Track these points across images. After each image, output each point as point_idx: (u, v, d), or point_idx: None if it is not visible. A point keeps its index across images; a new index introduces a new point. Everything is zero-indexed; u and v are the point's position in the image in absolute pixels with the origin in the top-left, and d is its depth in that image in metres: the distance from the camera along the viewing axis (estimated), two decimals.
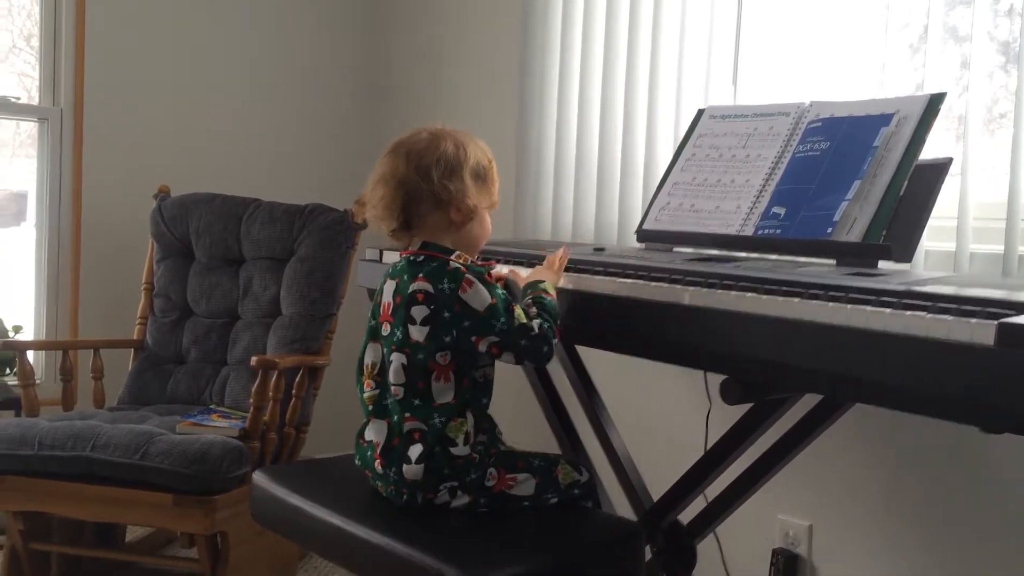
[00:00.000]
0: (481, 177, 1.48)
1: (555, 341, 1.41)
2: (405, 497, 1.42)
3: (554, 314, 1.44)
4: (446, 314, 1.38)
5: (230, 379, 2.50)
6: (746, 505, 1.68)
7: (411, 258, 1.45)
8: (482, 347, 1.39)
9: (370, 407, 1.46)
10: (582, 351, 1.99)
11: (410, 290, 1.40)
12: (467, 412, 1.42)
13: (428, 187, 1.43)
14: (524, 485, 1.45)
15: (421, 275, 1.41)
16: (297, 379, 2.34)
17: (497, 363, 1.45)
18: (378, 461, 1.43)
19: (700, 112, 1.97)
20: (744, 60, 2.15)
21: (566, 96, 2.43)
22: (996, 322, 0.99)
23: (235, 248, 2.63)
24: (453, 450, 1.39)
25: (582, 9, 2.39)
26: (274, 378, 2.19)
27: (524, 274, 1.57)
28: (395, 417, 1.42)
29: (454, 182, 1.43)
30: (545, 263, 1.59)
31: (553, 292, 1.48)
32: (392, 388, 1.42)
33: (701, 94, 2.15)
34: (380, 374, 1.46)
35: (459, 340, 1.38)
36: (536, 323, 1.40)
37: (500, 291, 1.42)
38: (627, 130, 2.27)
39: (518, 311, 1.40)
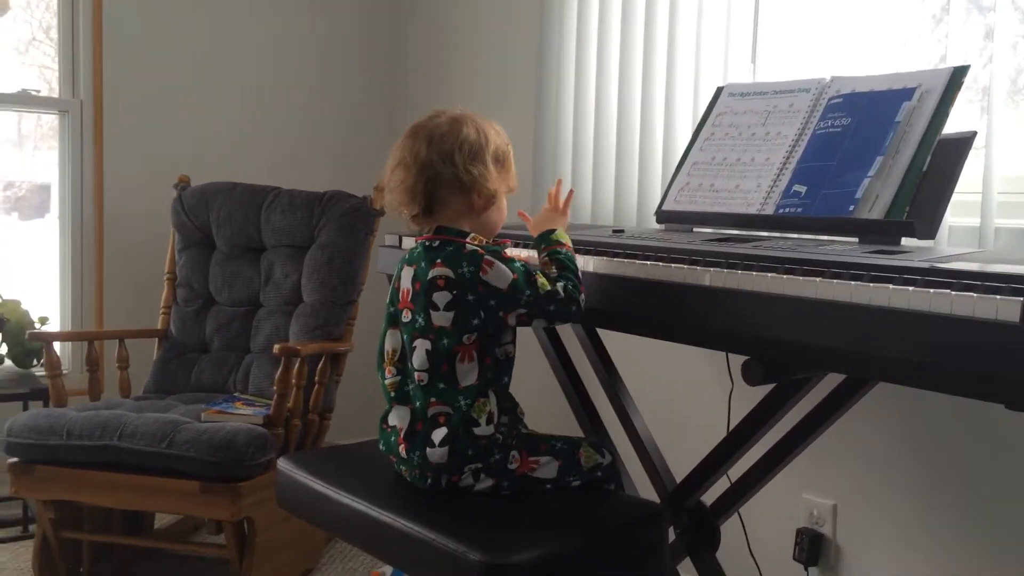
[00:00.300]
0: (501, 161, 1.48)
1: (583, 297, 1.42)
2: (429, 481, 1.42)
3: (573, 266, 1.45)
4: (470, 297, 1.38)
5: (253, 367, 2.52)
6: (770, 485, 1.67)
7: (427, 244, 1.45)
8: (511, 320, 1.40)
9: (392, 393, 1.47)
10: (603, 333, 1.98)
11: (429, 276, 1.40)
12: (489, 392, 1.42)
13: (451, 171, 1.42)
14: (547, 468, 1.46)
15: (439, 260, 1.40)
16: (320, 366, 2.36)
17: (519, 343, 1.46)
18: (402, 446, 1.43)
19: (719, 90, 1.95)
20: (763, 36, 2.12)
21: (583, 77, 2.42)
22: (1022, 299, 0.98)
23: (256, 236, 2.65)
24: (476, 430, 1.39)
25: None
26: (296, 365, 2.21)
27: (532, 221, 1.56)
28: (418, 403, 1.42)
29: (477, 166, 1.43)
30: (550, 205, 1.59)
31: (567, 240, 1.49)
32: (416, 374, 1.43)
33: (720, 71, 2.13)
34: (400, 360, 1.47)
35: (487, 320, 1.39)
36: (560, 285, 1.41)
37: (519, 264, 1.42)
38: (645, 110, 2.25)
39: (540, 279, 1.40)
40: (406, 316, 1.45)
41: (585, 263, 1.53)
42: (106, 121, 2.81)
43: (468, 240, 1.43)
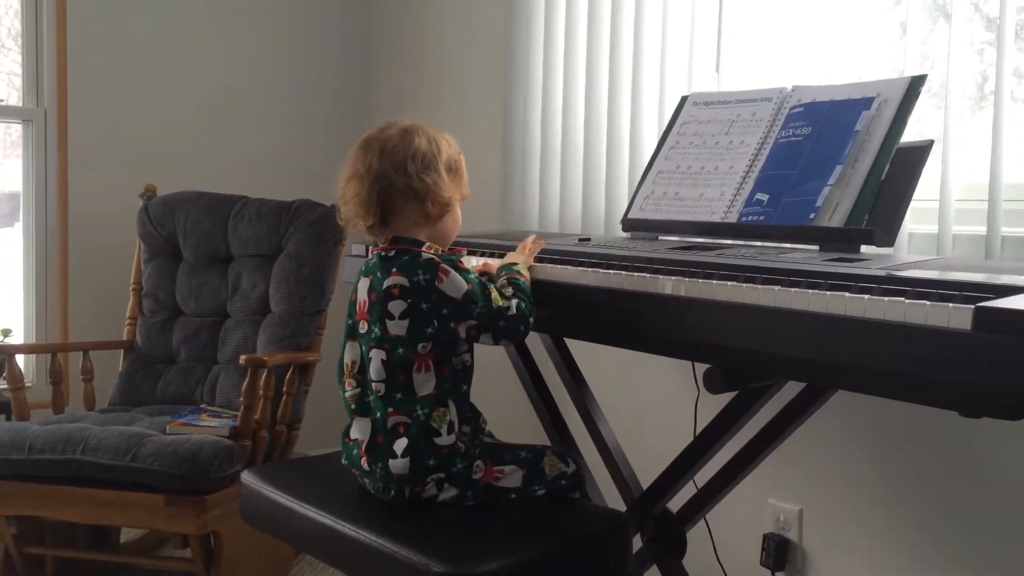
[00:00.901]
0: (453, 170, 1.50)
1: (531, 321, 1.44)
2: (392, 493, 1.42)
3: (528, 293, 1.47)
4: (424, 306, 1.38)
5: (220, 378, 2.50)
6: (736, 490, 1.69)
7: (382, 254, 1.45)
8: (461, 331, 1.40)
9: (352, 406, 1.46)
10: (571, 341, 1.99)
11: (385, 285, 1.40)
12: (449, 401, 1.42)
13: (405, 180, 1.43)
14: (511, 477, 1.46)
15: (395, 269, 1.41)
16: (288, 376, 2.34)
17: (478, 351, 1.46)
18: (364, 458, 1.43)
19: (684, 99, 1.96)
20: (727, 45, 2.14)
21: (551, 86, 2.42)
22: (973, 306, 0.99)
23: (223, 246, 2.63)
24: (437, 440, 1.39)
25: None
26: (263, 376, 2.19)
27: (495, 263, 1.58)
28: (378, 414, 1.42)
29: (430, 175, 1.44)
30: (517, 249, 1.62)
31: (526, 273, 1.51)
32: (373, 385, 1.42)
33: (685, 80, 2.14)
34: (360, 372, 1.46)
35: (440, 329, 1.39)
36: (514, 303, 1.42)
37: (474, 276, 1.43)
38: (612, 119, 2.27)
39: (494, 294, 1.42)
40: (363, 327, 1.45)
41: (550, 272, 1.54)
42: (71, 130, 2.78)
43: (424, 249, 1.43)
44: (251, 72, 3.12)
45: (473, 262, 1.63)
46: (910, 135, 1.59)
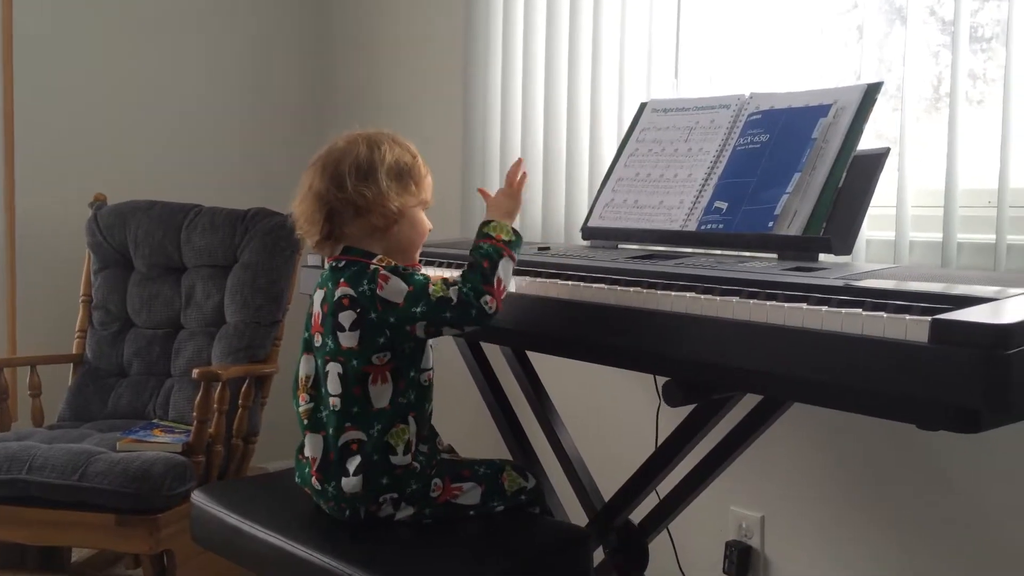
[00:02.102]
0: (403, 175, 1.43)
1: (487, 299, 1.33)
2: (348, 513, 1.38)
3: (488, 265, 1.36)
4: (372, 315, 1.35)
5: (174, 391, 2.44)
6: (698, 498, 1.67)
7: (333, 264, 1.42)
8: (419, 332, 1.36)
9: (305, 421, 1.43)
10: (532, 352, 1.96)
11: (335, 297, 1.37)
12: (409, 417, 1.38)
13: (344, 196, 1.39)
14: (470, 494, 1.43)
15: (343, 280, 1.38)
16: (243, 389, 2.29)
17: (445, 364, 1.43)
18: (315, 477, 1.39)
19: (643, 106, 1.95)
20: (686, 50, 2.13)
21: (509, 93, 2.40)
22: (930, 319, 0.98)
23: (176, 256, 2.57)
24: (393, 459, 1.36)
25: (523, 6, 2.36)
26: (217, 390, 2.14)
27: (489, 200, 1.51)
28: (330, 430, 1.38)
29: (370, 187, 1.39)
30: (505, 185, 1.52)
31: (499, 232, 1.40)
32: (330, 399, 1.39)
33: (644, 86, 2.13)
34: (314, 387, 1.43)
35: (394, 338, 1.35)
36: (454, 290, 1.34)
37: (418, 275, 1.37)
38: (571, 125, 2.25)
39: (433, 287, 1.34)
40: (318, 340, 1.41)
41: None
42: (17, 138, 2.70)
43: (375, 261, 1.39)
44: (204, 79, 3.06)
45: (449, 275, 1.59)
46: (868, 140, 1.59)
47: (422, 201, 1.48)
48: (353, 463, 1.35)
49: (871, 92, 1.57)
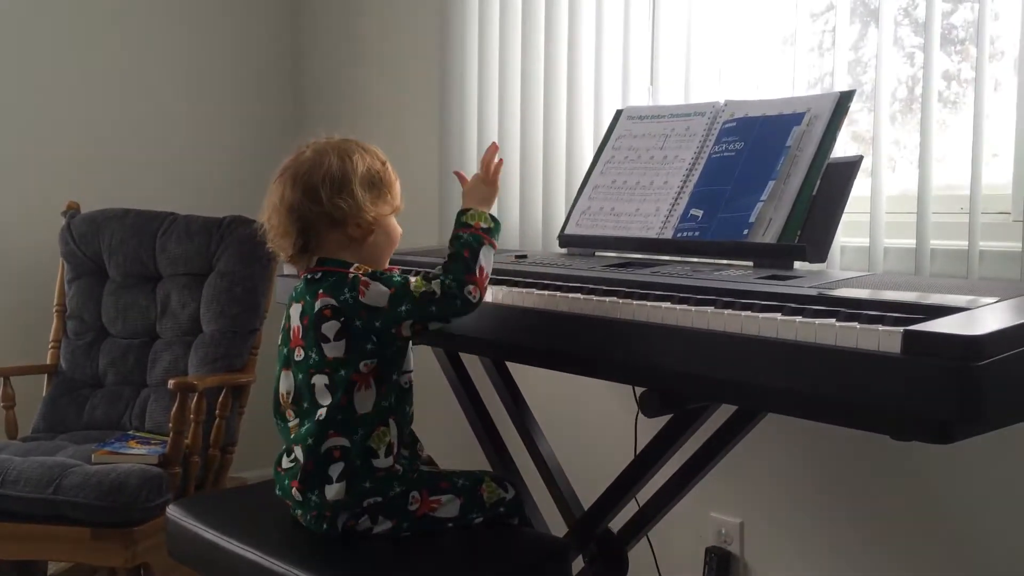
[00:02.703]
0: (376, 184, 1.42)
1: (470, 288, 1.33)
2: (326, 526, 1.37)
3: (468, 255, 1.35)
4: (358, 323, 1.34)
5: (150, 401, 2.42)
6: (677, 505, 1.68)
7: (308, 276, 1.41)
8: (406, 331, 1.36)
9: (292, 436, 1.41)
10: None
11: (316, 308, 1.36)
12: (390, 420, 1.38)
13: (319, 209, 1.38)
14: (448, 507, 1.42)
15: (321, 291, 1.36)
16: (220, 399, 2.27)
17: (423, 374, 1.42)
18: (295, 488, 1.38)
19: (619, 113, 1.95)
20: (662, 57, 2.13)
21: (486, 102, 2.40)
22: (902, 329, 0.99)
23: (151, 265, 2.54)
24: (375, 462, 1.36)
25: (498, 13, 2.35)
26: (194, 400, 2.12)
27: (466, 185, 1.52)
28: (310, 440, 1.37)
29: (345, 199, 1.38)
30: (481, 172, 1.51)
31: (478, 220, 1.40)
32: (312, 411, 1.37)
33: (620, 94, 2.13)
34: (295, 402, 1.41)
35: (381, 344, 1.35)
36: (436, 283, 1.33)
37: (397, 276, 1.37)
38: (548, 134, 2.25)
39: (415, 283, 1.34)
40: (299, 354, 1.40)
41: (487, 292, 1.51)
42: None
43: (352, 270, 1.38)
44: (178, 85, 3.03)
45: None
46: (842, 145, 1.60)
47: (395, 208, 1.47)
48: (336, 469, 1.35)
49: (844, 100, 1.58)
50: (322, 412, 1.36)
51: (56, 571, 2.43)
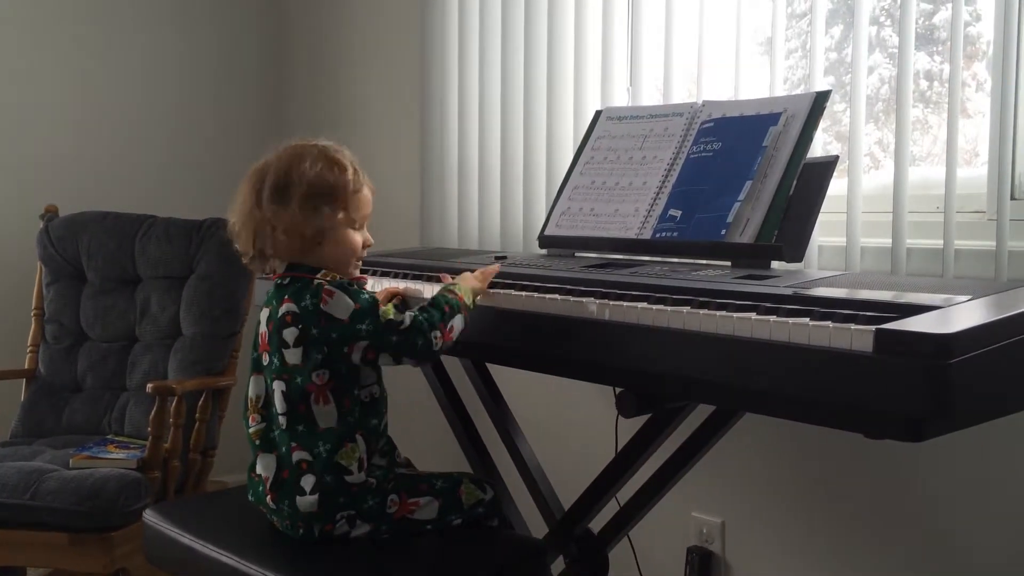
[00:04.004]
0: (325, 195, 1.38)
1: (437, 334, 1.33)
2: (302, 531, 1.36)
3: (447, 311, 1.35)
4: (315, 331, 1.33)
5: (130, 406, 2.40)
6: (658, 504, 1.67)
7: (279, 282, 1.41)
8: (356, 356, 1.33)
9: (256, 442, 1.41)
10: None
11: (279, 313, 1.35)
12: (357, 436, 1.37)
13: (262, 215, 1.37)
14: (427, 508, 1.42)
15: (287, 296, 1.36)
16: (200, 402, 2.26)
17: (394, 374, 1.41)
18: (269, 496, 1.37)
19: (598, 113, 1.96)
20: (641, 58, 2.13)
21: (466, 103, 2.39)
22: (874, 328, 0.99)
23: (130, 268, 2.53)
24: (348, 479, 1.35)
25: (478, 15, 2.35)
26: (173, 404, 2.11)
27: (402, 287, 1.53)
28: (283, 448, 1.37)
29: (285, 209, 1.36)
30: (479, 271, 1.50)
31: (462, 293, 1.39)
32: (278, 418, 1.37)
33: (599, 94, 2.13)
34: (265, 407, 1.41)
35: (332, 355, 1.33)
36: (408, 315, 1.32)
37: (367, 296, 1.35)
38: (528, 134, 2.24)
39: (385, 308, 1.33)
40: (265, 359, 1.40)
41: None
42: None
43: (319, 276, 1.38)
44: (158, 87, 3.01)
45: (384, 284, 1.59)
46: (825, 145, 1.60)
47: (352, 220, 1.42)
48: (308, 482, 1.34)
49: (820, 100, 1.59)
50: (284, 421, 1.36)
51: None
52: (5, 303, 2.67)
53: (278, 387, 1.36)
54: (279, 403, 1.36)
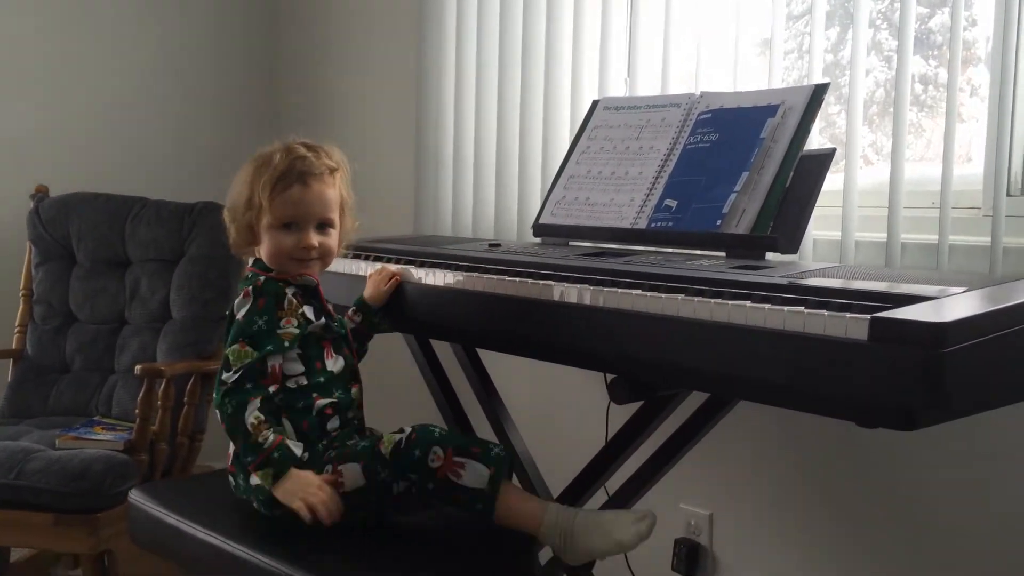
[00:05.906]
0: (246, 200, 1.45)
1: (219, 414, 1.41)
2: (259, 507, 1.39)
3: (255, 448, 1.35)
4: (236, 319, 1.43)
5: (118, 388, 2.39)
6: (647, 495, 1.67)
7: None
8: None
9: None
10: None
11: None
12: (284, 420, 1.41)
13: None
14: (352, 475, 1.36)
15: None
16: (189, 386, 2.25)
17: (379, 357, 1.47)
18: (230, 474, 1.43)
19: (595, 103, 1.95)
20: (639, 49, 2.13)
21: (463, 91, 2.38)
22: (869, 316, 0.99)
23: (120, 250, 2.51)
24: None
25: (476, 2, 2.34)
26: (161, 387, 2.10)
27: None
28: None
29: (230, 210, 1.49)
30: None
31: (275, 474, 1.34)
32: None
33: (596, 84, 2.13)
34: None
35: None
36: (230, 379, 1.38)
37: (262, 322, 1.39)
38: (524, 122, 2.24)
39: (233, 354, 1.39)
40: None
41: (453, 279, 1.50)
42: None
43: (258, 271, 1.46)
44: (150, 68, 2.99)
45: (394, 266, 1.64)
46: (821, 145, 1.60)
47: (272, 222, 1.43)
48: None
49: (818, 93, 1.58)
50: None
51: (19, 558, 2.39)
52: None
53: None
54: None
